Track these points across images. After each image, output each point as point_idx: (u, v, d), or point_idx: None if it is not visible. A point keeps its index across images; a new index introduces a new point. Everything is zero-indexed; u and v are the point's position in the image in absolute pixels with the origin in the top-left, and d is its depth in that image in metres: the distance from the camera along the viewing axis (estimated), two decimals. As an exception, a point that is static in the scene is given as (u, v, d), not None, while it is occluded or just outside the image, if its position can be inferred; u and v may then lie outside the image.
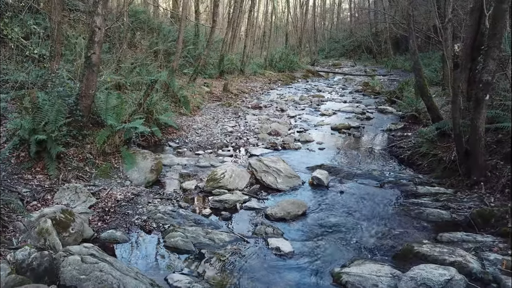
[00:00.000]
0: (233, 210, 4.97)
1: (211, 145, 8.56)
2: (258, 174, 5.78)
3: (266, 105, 13.68)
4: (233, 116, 11.59)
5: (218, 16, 19.75)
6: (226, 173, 5.55)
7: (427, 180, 6.33)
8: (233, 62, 20.21)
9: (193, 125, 10.10)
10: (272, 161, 6.06)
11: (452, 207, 4.95)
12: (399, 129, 10.24)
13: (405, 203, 5.27)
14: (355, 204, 5.27)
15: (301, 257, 3.90)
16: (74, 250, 3.21)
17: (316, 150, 8.47)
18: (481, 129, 5.22)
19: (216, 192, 5.32)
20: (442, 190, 5.55)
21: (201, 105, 12.72)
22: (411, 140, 8.78)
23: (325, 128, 10.45)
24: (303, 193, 5.61)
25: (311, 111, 12.83)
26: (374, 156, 8.13)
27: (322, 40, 47.19)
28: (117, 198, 4.99)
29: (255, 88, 18.16)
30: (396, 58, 28.73)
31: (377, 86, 17.78)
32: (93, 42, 5.77)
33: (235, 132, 9.76)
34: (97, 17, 5.72)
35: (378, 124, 11.01)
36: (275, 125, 9.96)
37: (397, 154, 8.12)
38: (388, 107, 12.96)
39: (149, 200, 5.06)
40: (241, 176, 5.67)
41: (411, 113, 10.75)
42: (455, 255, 3.57)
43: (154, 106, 8.95)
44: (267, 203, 5.23)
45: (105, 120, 6.19)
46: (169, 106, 11.03)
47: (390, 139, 9.31)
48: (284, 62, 24.91)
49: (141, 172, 5.73)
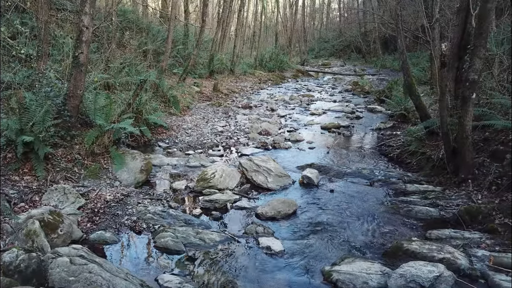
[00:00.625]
0: (224, 210, 4.96)
1: (202, 145, 8.54)
2: (249, 173, 5.78)
3: (256, 105, 13.69)
4: (223, 116, 11.58)
5: (207, 16, 19.70)
6: (216, 173, 5.53)
7: (416, 178, 6.39)
8: (223, 62, 20.17)
9: (183, 125, 10.06)
10: (262, 160, 6.06)
11: (441, 204, 5.01)
12: (388, 128, 10.33)
13: (395, 201, 5.32)
14: (345, 203, 5.30)
15: (291, 256, 3.91)
16: (63, 252, 3.17)
17: (306, 150, 8.49)
18: (468, 127, 5.29)
19: (206, 192, 5.31)
20: (430, 188, 5.61)
21: (191, 105, 12.68)
22: (400, 139, 8.86)
23: (315, 128, 10.50)
24: (294, 192, 5.63)
25: (301, 111, 12.87)
26: (364, 155, 8.19)
27: (312, 40, 47.36)
28: (107, 199, 4.95)
29: (245, 88, 18.16)
30: (385, 57, 28.97)
31: (366, 85, 17.92)
32: (81, 41, 5.71)
33: (226, 131, 9.75)
34: (85, 16, 5.66)
35: (367, 123, 11.08)
36: (266, 124, 9.97)
37: (387, 152, 8.19)
38: (378, 106, 13.06)
39: (139, 201, 5.02)
40: (231, 175, 5.66)
41: (400, 112, 10.85)
42: (444, 252, 3.61)
43: (144, 106, 8.90)
44: (258, 202, 5.23)
45: (93, 121, 6.13)
46: (159, 106, 10.98)
47: (379, 138, 9.39)
48: (274, 62, 24.95)
49: (131, 172, 5.69)
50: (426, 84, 14.72)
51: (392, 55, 29.24)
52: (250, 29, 36.90)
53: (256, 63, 24.17)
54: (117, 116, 8.20)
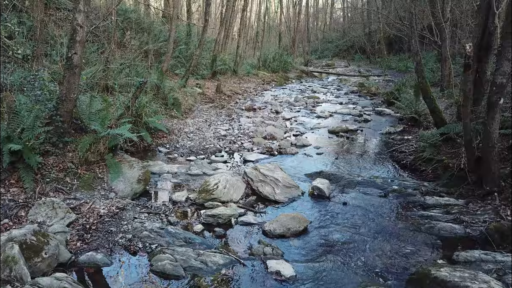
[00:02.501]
0: (228, 225, 4.53)
1: (204, 150, 8.12)
2: (255, 184, 5.35)
3: (260, 107, 13.26)
4: (226, 119, 11.16)
5: (210, 15, 19.29)
6: (219, 183, 5.11)
7: (434, 188, 5.95)
8: (225, 62, 19.75)
9: (184, 129, 9.65)
10: (269, 169, 5.63)
11: (465, 220, 4.57)
12: (398, 132, 9.90)
13: (414, 216, 4.88)
14: (360, 218, 4.86)
15: (304, 283, 3.48)
16: (44, 283, 2.76)
17: (314, 155, 8.06)
18: (494, 135, 4.85)
19: (208, 205, 4.88)
20: (452, 201, 5.17)
21: (193, 107, 12.28)
22: (413, 144, 8.43)
23: (322, 131, 10.06)
24: (303, 205, 5.19)
25: (306, 113, 12.44)
26: (375, 161, 7.75)
27: (315, 40, 46.93)
28: (100, 213, 4.54)
29: (249, 89, 17.74)
30: (390, 58, 28.48)
31: (373, 87, 17.47)
32: (75, 41, 5.30)
33: (229, 136, 9.33)
34: (79, 14, 5.25)
35: (376, 126, 10.64)
36: (271, 128, 9.55)
37: (399, 159, 7.75)
38: (386, 109, 12.62)
39: (135, 215, 4.60)
40: (236, 186, 5.24)
41: (411, 115, 10.40)
42: (478, 281, 3.18)
43: (143, 109, 8.50)
44: (265, 217, 4.80)
45: (88, 126, 5.72)
46: (159, 108, 10.57)
47: (390, 143, 8.95)
48: (277, 62, 24.52)
49: (127, 182, 5.27)
50: (436, 86, 14.26)
51: (397, 55, 28.76)
52: (253, 29, 36.49)
53: (259, 63, 23.73)
54: (116, 119, 7.82)
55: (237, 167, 7.09)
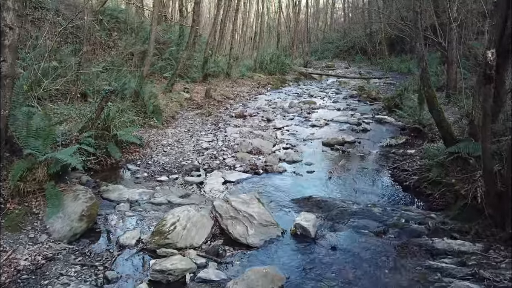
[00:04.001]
0: (181, 284, 3.54)
1: (179, 168, 7.14)
2: (224, 221, 4.35)
3: (251, 114, 12.27)
4: (212, 128, 10.17)
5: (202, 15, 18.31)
6: (178, 222, 4.11)
7: (443, 221, 4.95)
8: (219, 64, 18.77)
9: (162, 141, 8.66)
10: (243, 201, 4.63)
11: (487, 277, 3.56)
12: (400, 144, 8.89)
13: (420, 268, 3.86)
14: (352, 269, 3.85)
15: None
16: None
17: (304, 174, 7.07)
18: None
19: (161, 252, 3.88)
20: (467, 245, 4.16)
21: (177, 115, 11.30)
22: (416, 161, 7.42)
23: (316, 144, 9.05)
24: (282, 251, 4.16)
25: (300, 121, 11.43)
26: (374, 182, 6.75)
27: (316, 41, 45.89)
28: (19, 266, 3.55)
29: (242, 93, 16.75)
30: (391, 59, 27.44)
31: (373, 91, 16.45)
32: (3, 46, 4.31)
33: (211, 148, 8.34)
34: (7, 12, 4.26)
35: (376, 137, 9.63)
36: (258, 141, 8.54)
37: (401, 179, 6.75)
38: (387, 117, 11.60)
39: (64, 269, 3.60)
40: (199, 225, 4.24)
41: (414, 125, 9.39)
42: None
43: (113, 120, 7.51)
44: (231, 270, 3.77)
45: (25, 148, 4.73)
46: (137, 117, 9.60)
47: (391, 158, 7.95)
48: (275, 64, 23.48)
49: (67, 220, 4.28)
50: (441, 91, 13.24)
51: (399, 57, 27.73)
52: (252, 29, 35.50)
53: (256, 65, 22.72)
54: (78, 134, 6.86)
55: (212, 192, 6.10)
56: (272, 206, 5.51)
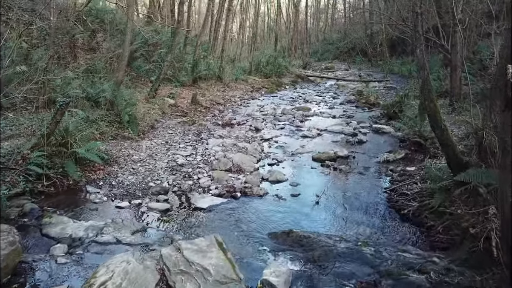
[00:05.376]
0: None
1: (144, 191, 6.25)
2: (172, 277, 3.44)
3: (240, 122, 11.39)
4: (193, 139, 9.28)
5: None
6: (110, 281, 3.21)
7: (448, 267, 4.05)
8: (210, 67, 17.87)
9: (134, 155, 7.78)
10: (198, 249, 3.71)
11: None
12: (399, 159, 8.00)
13: None
14: None
15: None
16: None
17: (288, 198, 6.18)
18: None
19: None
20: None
21: (158, 124, 10.43)
22: (417, 182, 6.52)
23: (305, 159, 8.15)
24: (242, 319, 3.30)
25: (291, 131, 10.52)
26: (367, 210, 5.84)
27: (316, 42, 44.99)
28: None
29: (233, 98, 15.86)
30: (392, 61, 26.51)
31: (372, 95, 15.52)
32: None
33: (187, 165, 7.46)
34: None
35: (372, 151, 8.72)
36: (239, 157, 7.64)
37: (399, 206, 5.85)
38: (385, 126, 10.68)
39: None
40: (140, 282, 3.34)
41: (414, 138, 8.48)
42: None
43: (72, 135, 6.64)
44: None
45: None
46: (110, 128, 8.74)
47: (388, 178, 7.05)
48: (271, 66, 22.57)
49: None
50: (444, 97, 12.33)
51: (400, 58, 26.79)
52: (250, 29, 34.57)
53: (251, 67, 21.82)
54: (26, 154, 5.98)
55: (176, 222, 5.22)
56: (242, 245, 4.64)
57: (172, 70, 15.49)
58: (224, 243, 3.94)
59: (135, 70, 14.29)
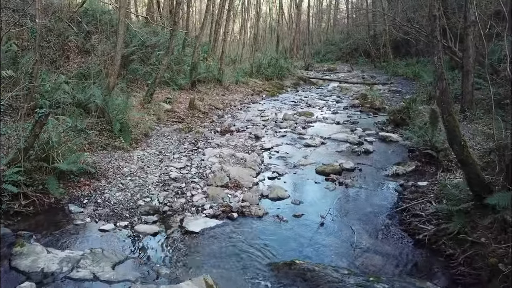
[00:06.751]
0: None
1: (132, 210, 5.70)
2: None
3: (239, 129, 10.85)
4: (188, 149, 8.73)
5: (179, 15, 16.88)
6: None
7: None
8: (210, 69, 17.34)
9: (124, 168, 7.22)
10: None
11: None
12: (409, 173, 7.42)
13: None
14: None
15: None
16: None
17: (290, 219, 5.62)
18: None
19: None
20: None
21: (152, 131, 9.87)
22: (431, 201, 5.94)
23: (308, 171, 7.58)
24: None
25: (293, 139, 9.96)
26: (377, 233, 5.28)
27: (318, 42, 44.42)
28: None
29: (233, 102, 15.31)
30: (396, 63, 25.92)
31: (377, 100, 14.94)
32: None
33: (180, 179, 6.90)
34: None
35: (380, 162, 8.14)
36: (237, 170, 7.08)
37: (412, 230, 5.28)
38: (392, 134, 10.09)
39: None
40: None
41: (425, 150, 7.89)
42: None
43: (54, 148, 6.09)
44: None
45: None
46: (100, 137, 8.20)
47: (398, 195, 6.48)
48: (273, 68, 22.02)
49: None
50: (454, 102, 11.74)
51: (404, 60, 26.24)
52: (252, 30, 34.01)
53: (252, 69, 21.26)
54: (4, 169, 5.45)
55: (164, 250, 4.66)
56: (238, 281, 4.07)
57: (169, 73, 14.96)
58: (216, 285, 3.38)
59: (132, 73, 13.74)
